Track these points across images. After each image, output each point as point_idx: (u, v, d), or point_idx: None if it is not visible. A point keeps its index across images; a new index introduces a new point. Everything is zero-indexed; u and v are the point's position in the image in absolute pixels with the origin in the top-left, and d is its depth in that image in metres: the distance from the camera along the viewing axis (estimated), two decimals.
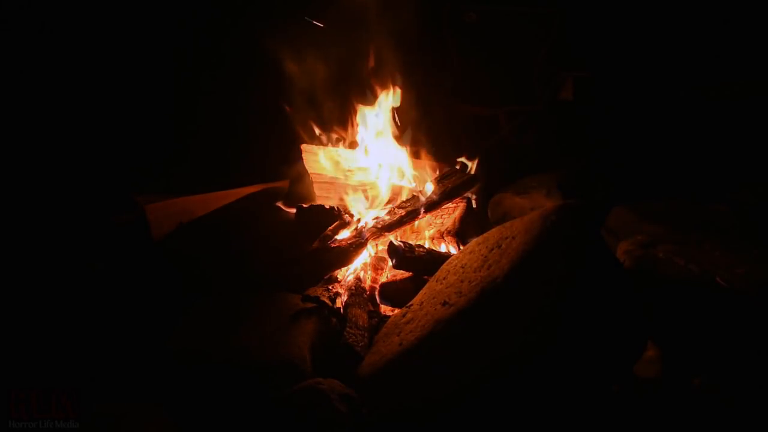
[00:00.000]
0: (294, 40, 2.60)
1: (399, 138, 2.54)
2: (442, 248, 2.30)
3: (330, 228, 2.06)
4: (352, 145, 2.57)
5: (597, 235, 1.43)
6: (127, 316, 1.69)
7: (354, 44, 2.57)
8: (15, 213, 2.25)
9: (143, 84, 2.79)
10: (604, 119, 3.19)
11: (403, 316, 1.57)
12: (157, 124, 2.81)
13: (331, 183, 2.39)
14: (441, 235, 2.42)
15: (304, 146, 2.41)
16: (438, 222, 2.39)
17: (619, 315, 1.30)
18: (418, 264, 1.94)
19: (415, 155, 2.61)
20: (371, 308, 1.84)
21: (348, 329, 1.63)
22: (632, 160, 2.90)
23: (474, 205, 2.44)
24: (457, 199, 2.35)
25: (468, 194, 2.39)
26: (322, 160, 2.40)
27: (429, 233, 2.40)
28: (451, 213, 2.40)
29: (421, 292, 1.68)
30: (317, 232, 2.03)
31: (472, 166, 2.35)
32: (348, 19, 2.58)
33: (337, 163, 2.40)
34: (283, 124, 2.53)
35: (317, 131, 2.56)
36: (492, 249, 1.49)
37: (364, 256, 2.12)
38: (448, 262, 1.73)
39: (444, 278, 1.62)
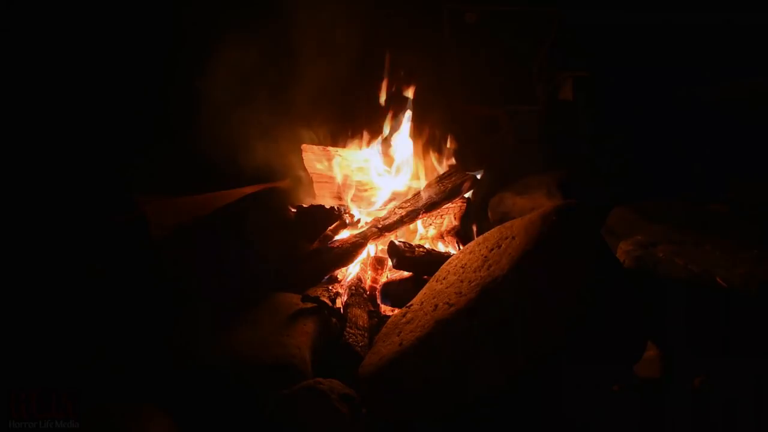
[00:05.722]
0: (295, 39, 2.59)
1: (399, 138, 2.54)
2: (442, 248, 2.30)
3: (330, 228, 2.06)
4: (354, 145, 2.56)
5: (597, 234, 1.43)
6: (127, 316, 1.69)
7: (358, 45, 2.57)
8: (14, 213, 2.24)
9: (143, 83, 2.79)
10: (604, 119, 3.20)
11: (403, 316, 1.57)
12: (157, 124, 2.81)
13: (331, 183, 2.40)
14: (441, 235, 2.42)
15: (304, 146, 2.41)
16: (438, 222, 2.39)
17: (620, 315, 1.30)
18: (418, 264, 1.94)
19: (416, 155, 2.61)
20: (371, 308, 1.84)
21: (348, 329, 1.63)
22: (632, 160, 2.90)
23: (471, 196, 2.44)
24: (457, 199, 2.35)
25: (467, 194, 2.40)
26: (322, 161, 2.40)
27: (430, 233, 2.40)
28: (451, 213, 2.41)
29: (421, 292, 1.68)
30: (317, 232, 2.03)
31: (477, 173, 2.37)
32: (349, 19, 2.58)
33: (337, 163, 2.40)
34: (285, 124, 2.53)
35: (318, 131, 2.56)
36: (492, 249, 1.49)
37: (364, 256, 2.12)
38: (448, 262, 1.73)
39: (444, 278, 1.62)
